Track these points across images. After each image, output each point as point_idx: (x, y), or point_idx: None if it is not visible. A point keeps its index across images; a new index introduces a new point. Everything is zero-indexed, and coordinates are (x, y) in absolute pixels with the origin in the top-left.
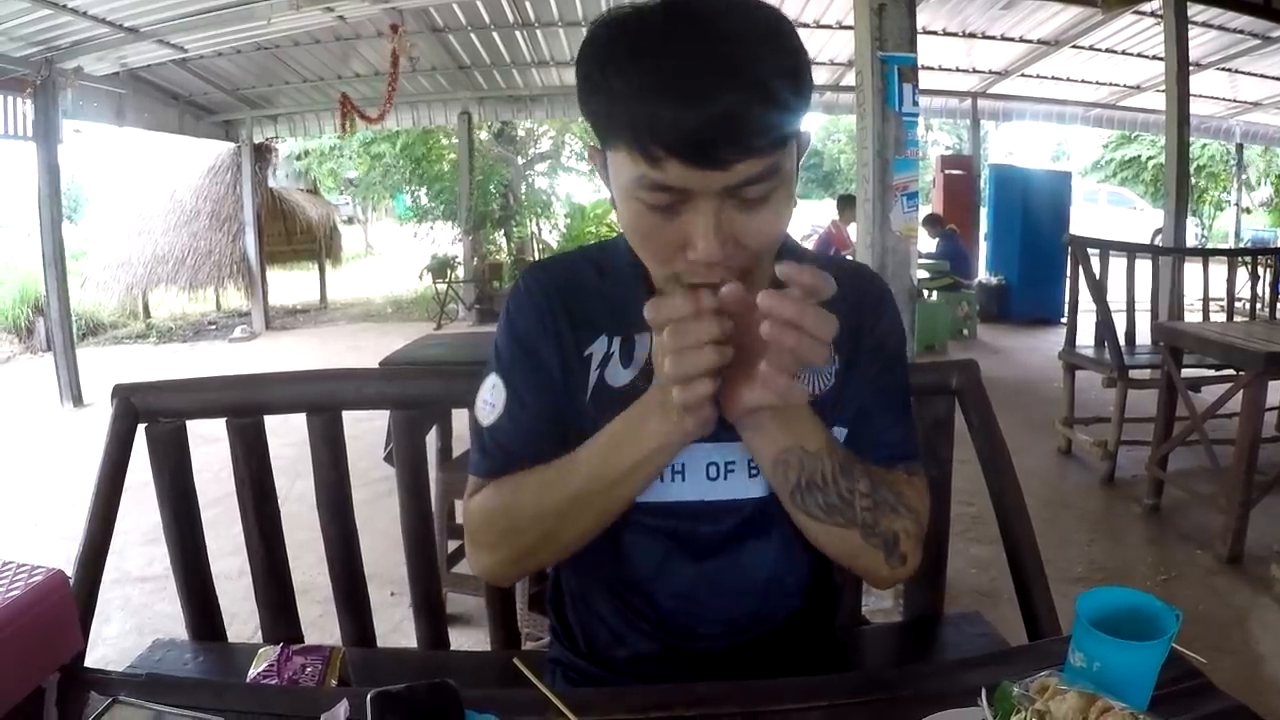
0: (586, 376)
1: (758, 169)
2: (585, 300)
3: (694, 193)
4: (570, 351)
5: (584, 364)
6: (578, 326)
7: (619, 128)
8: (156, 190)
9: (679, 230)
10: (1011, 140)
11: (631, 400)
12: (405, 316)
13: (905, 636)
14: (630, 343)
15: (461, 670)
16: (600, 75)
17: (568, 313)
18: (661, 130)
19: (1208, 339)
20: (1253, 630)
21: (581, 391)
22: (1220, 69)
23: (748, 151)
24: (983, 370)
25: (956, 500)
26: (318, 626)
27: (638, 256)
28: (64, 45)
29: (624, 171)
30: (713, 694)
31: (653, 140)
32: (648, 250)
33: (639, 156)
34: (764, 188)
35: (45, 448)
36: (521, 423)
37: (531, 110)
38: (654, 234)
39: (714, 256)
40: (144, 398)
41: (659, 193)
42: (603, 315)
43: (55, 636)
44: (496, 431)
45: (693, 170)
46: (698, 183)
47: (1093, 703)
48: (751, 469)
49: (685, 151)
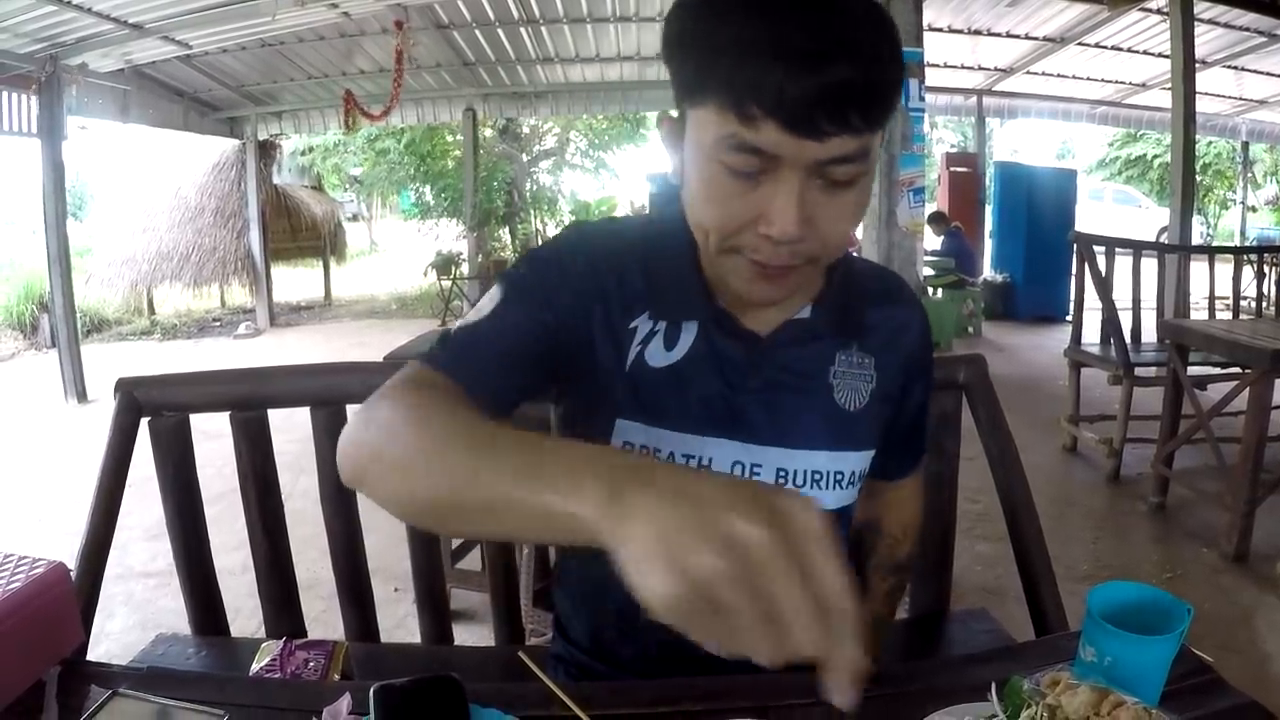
0: (627, 349)
1: (852, 147)
2: (633, 273)
3: (782, 163)
4: (618, 318)
5: (629, 335)
6: (626, 295)
7: (716, 83)
8: (161, 187)
9: (756, 202)
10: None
11: (667, 383)
12: (410, 313)
13: (911, 633)
14: (676, 328)
15: (465, 665)
16: (703, 26)
17: (618, 279)
18: (765, 91)
19: (1214, 336)
20: (1259, 629)
21: (620, 360)
22: (1226, 66)
23: (847, 127)
24: (989, 368)
25: (962, 497)
26: (321, 622)
27: (688, 239)
28: (69, 42)
29: (710, 130)
30: (718, 689)
31: (753, 99)
32: (716, 218)
33: (733, 115)
34: (851, 170)
35: (49, 444)
36: (496, 335)
37: (536, 107)
38: (728, 202)
39: (791, 234)
40: (147, 391)
41: (746, 155)
42: (648, 294)
43: (56, 629)
44: (466, 330)
45: (788, 136)
46: (790, 150)
47: (1105, 697)
48: (779, 476)
49: (786, 116)
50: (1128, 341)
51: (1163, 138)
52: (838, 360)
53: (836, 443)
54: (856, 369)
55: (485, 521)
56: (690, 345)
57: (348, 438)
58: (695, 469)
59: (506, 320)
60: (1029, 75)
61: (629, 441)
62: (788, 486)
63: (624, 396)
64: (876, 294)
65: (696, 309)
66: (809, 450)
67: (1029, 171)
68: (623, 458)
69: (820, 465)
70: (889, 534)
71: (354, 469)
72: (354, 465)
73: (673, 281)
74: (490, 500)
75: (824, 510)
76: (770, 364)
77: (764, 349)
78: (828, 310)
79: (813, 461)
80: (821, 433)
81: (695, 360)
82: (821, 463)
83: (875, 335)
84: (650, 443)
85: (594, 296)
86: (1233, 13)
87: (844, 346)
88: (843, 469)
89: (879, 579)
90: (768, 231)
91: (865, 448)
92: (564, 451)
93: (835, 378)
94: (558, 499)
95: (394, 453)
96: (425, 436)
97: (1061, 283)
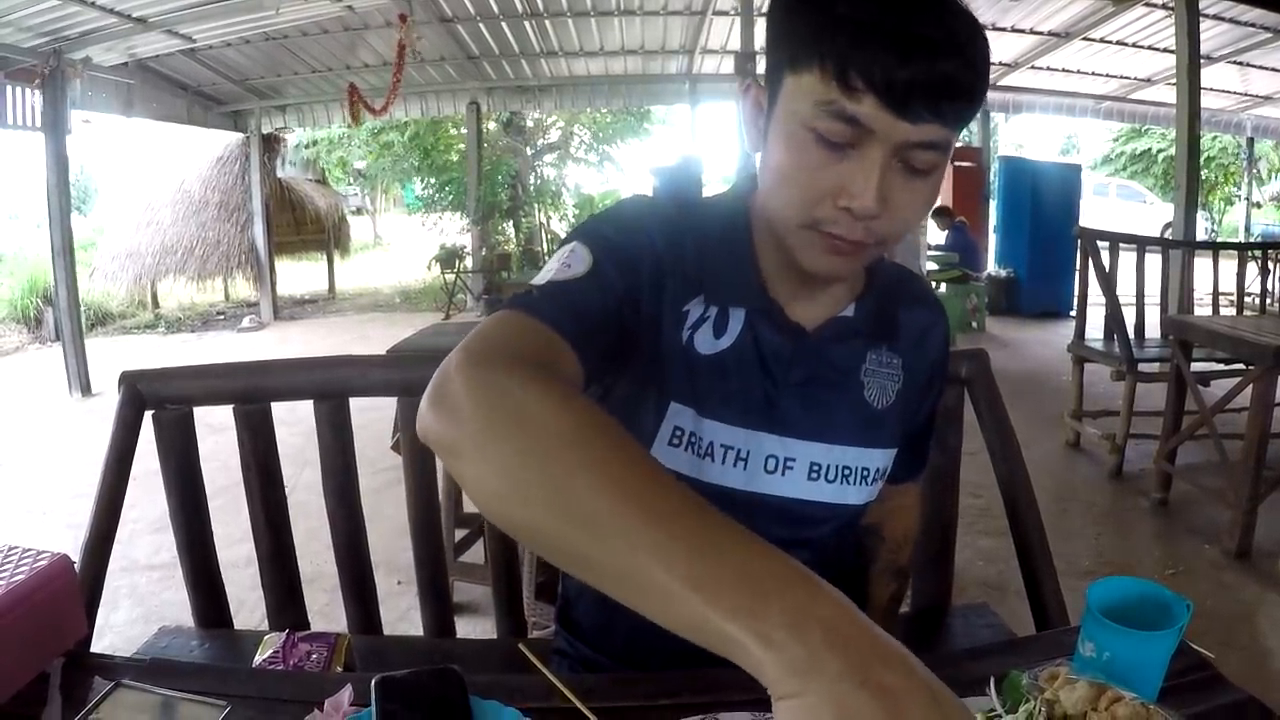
0: (680, 329)
1: (938, 135)
2: (693, 256)
3: (872, 139)
4: (679, 295)
5: (680, 316)
6: (685, 278)
7: (824, 49)
8: (165, 181)
9: (838, 175)
10: (1021, 133)
11: (712, 371)
12: (413, 307)
13: (912, 627)
14: (725, 315)
15: (467, 657)
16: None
17: (681, 261)
18: (875, 65)
19: (1217, 333)
20: (1260, 626)
21: (678, 341)
22: (1231, 62)
23: (939, 116)
24: (991, 363)
25: (964, 492)
26: (324, 615)
27: (747, 225)
28: (72, 36)
29: (807, 97)
30: (719, 681)
31: (860, 71)
32: (797, 187)
33: (835, 83)
34: (932, 158)
35: (53, 437)
36: (602, 291)
37: (540, 101)
38: (811, 171)
39: (870, 209)
40: (151, 384)
41: (840, 124)
42: (703, 277)
43: (60, 621)
44: (561, 285)
45: (885, 113)
46: (883, 126)
47: (1103, 693)
48: (812, 471)
49: (887, 93)
50: (1131, 337)
51: (1167, 132)
52: (869, 359)
53: (866, 440)
54: (886, 368)
55: (605, 583)
56: (738, 335)
57: (459, 398)
58: (886, 642)
59: (603, 280)
60: (1034, 70)
61: (679, 426)
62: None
63: (679, 379)
64: (907, 296)
65: (749, 296)
66: (841, 446)
67: (1033, 166)
68: (809, 584)
69: (850, 461)
70: (891, 539)
71: (451, 445)
72: (452, 442)
73: (729, 266)
74: (635, 579)
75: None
76: (812, 359)
77: (809, 344)
78: (868, 309)
79: (844, 457)
80: (852, 429)
81: (740, 350)
82: (851, 458)
83: (905, 336)
84: (695, 429)
85: (667, 272)
86: (1238, 8)
87: (875, 346)
88: (869, 465)
89: (881, 584)
90: (849, 204)
91: (890, 445)
92: (743, 551)
93: (866, 375)
94: (727, 620)
95: (523, 463)
96: (575, 463)
97: (1066, 278)
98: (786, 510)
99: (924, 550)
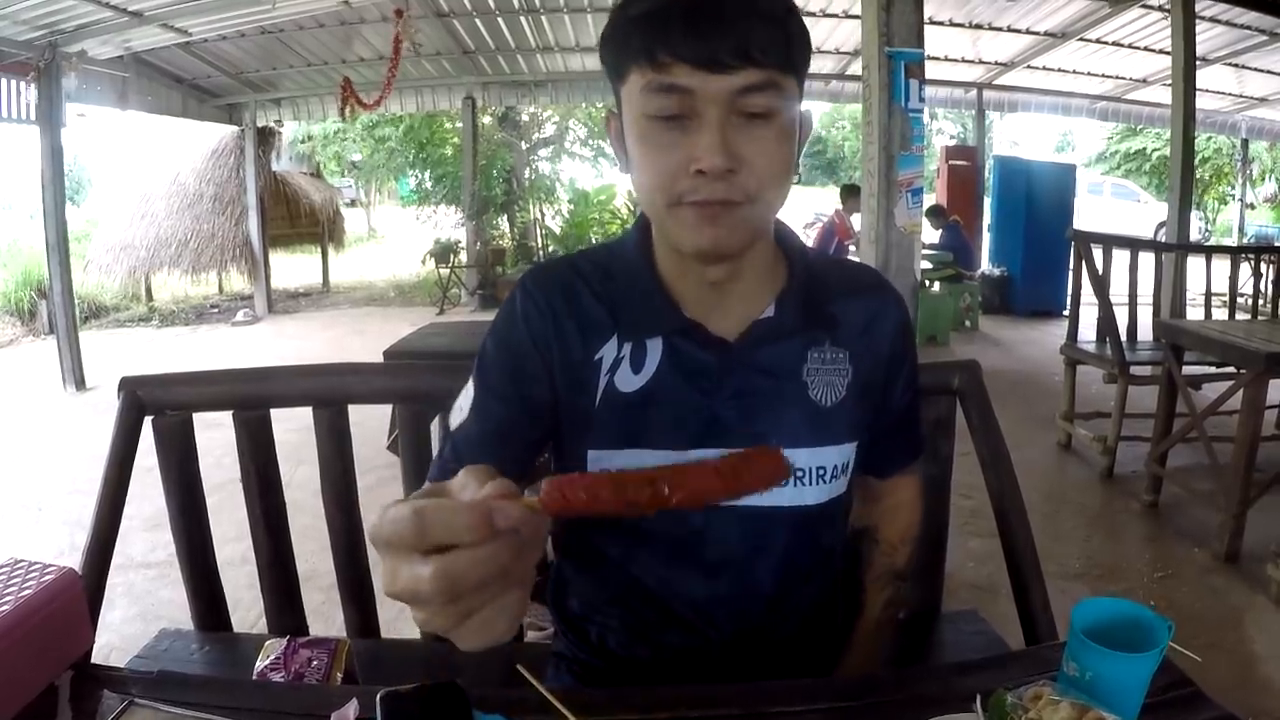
0: (596, 381)
1: (758, 78)
2: (592, 303)
3: (699, 101)
4: (579, 355)
5: (594, 368)
6: (586, 329)
7: (634, 50)
8: (159, 174)
9: (685, 147)
10: (1016, 131)
11: (641, 405)
12: (408, 301)
13: (902, 635)
14: (641, 348)
15: (466, 662)
16: (620, 14)
17: (574, 316)
18: (671, 35)
19: (1209, 338)
20: (1248, 630)
21: (590, 397)
22: (1227, 64)
23: (748, 59)
24: (984, 362)
25: (955, 494)
26: (321, 614)
27: (646, 255)
28: (67, 29)
29: (636, 92)
30: (714, 696)
31: (662, 47)
32: (654, 171)
33: (648, 67)
34: (764, 100)
35: (48, 431)
36: (484, 432)
37: (535, 95)
38: (661, 151)
39: (718, 164)
40: (151, 391)
41: (665, 97)
42: (611, 319)
43: (67, 635)
44: (457, 437)
45: (697, 72)
46: (700, 84)
47: (1084, 713)
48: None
49: (690, 54)
50: (1124, 340)
51: (1162, 132)
52: (810, 358)
53: (814, 439)
54: (830, 364)
55: None
56: (658, 364)
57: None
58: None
59: (490, 412)
60: (1029, 70)
61: (605, 468)
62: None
63: (596, 428)
64: (844, 286)
65: (663, 321)
66: (788, 449)
67: (1028, 165)
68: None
69: (802, 463)
70: (886, 542)
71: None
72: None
73: (636, 299)
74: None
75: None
76: (742, 367)
77: (734, 353)
78: (792, 306)
79: (794, 459)
80: (799, 431)
81: (664, 377)
82: (803, 460)
83: (848, 328)
84: (630, 465)
85: (549, 345)
86: (1234, 10)
87: (816, 343)
88: (824, 464)
89: (877, 589)
90: (699, 167)
91: (844, 441)
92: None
93: (809, 375)
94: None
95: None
96: None
97: (1060, 277)
98: (744, 519)
99: (916, 557)
